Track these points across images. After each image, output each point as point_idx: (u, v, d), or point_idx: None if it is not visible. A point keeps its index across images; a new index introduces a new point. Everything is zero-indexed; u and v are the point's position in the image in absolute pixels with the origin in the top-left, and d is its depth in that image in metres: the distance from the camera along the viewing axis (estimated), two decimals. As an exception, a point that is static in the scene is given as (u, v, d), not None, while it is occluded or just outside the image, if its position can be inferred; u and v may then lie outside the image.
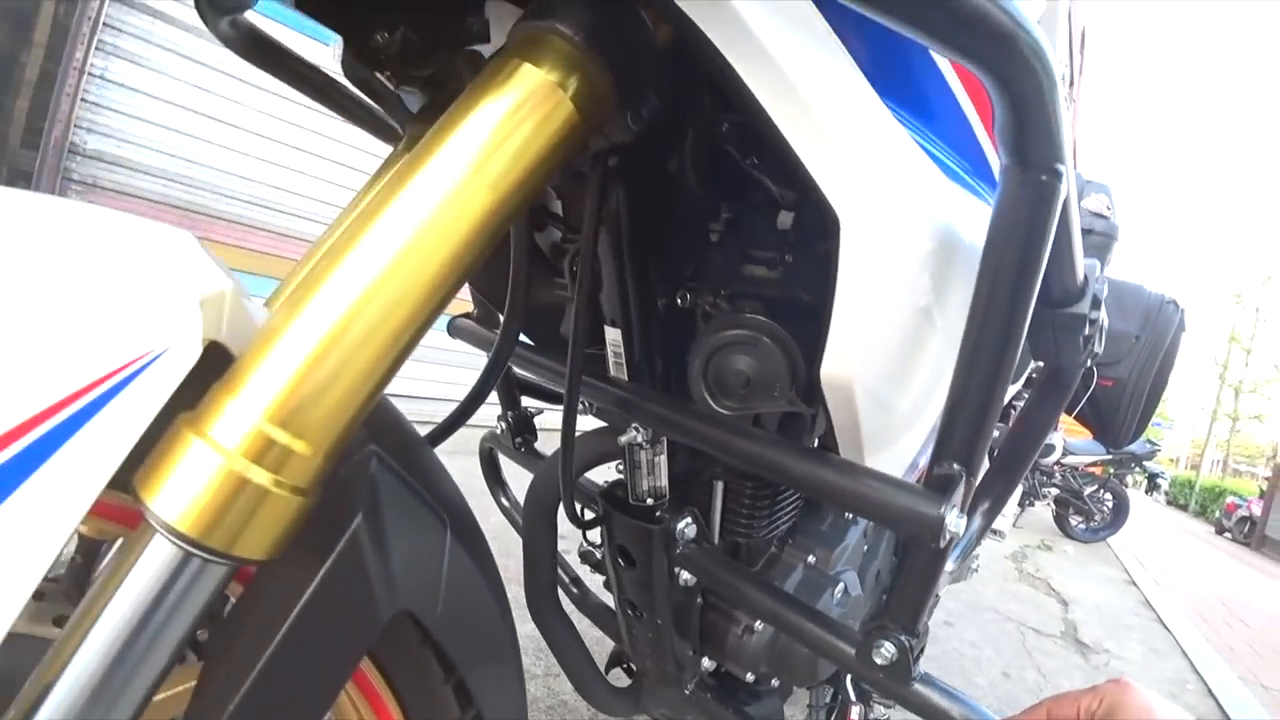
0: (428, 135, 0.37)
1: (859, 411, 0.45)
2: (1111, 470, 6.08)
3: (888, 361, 0.45)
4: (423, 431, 0.60)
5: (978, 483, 0.44)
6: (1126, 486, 6.28)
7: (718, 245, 0.67)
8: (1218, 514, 13.36)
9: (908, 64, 0.46)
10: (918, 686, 0.53)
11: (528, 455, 1.02)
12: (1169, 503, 18.99)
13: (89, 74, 2.70)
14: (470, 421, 0.69)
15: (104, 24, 2.69)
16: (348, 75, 0.62)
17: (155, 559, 0.30)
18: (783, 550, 0.85)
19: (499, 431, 1.04)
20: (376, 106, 0.77)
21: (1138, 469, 6.55)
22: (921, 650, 0.55)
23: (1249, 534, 11.37)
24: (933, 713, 0.52)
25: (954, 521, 0.41)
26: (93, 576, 0.53)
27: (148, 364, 0.27)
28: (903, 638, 0.51)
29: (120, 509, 0.40)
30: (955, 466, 0.43)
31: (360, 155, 3.71)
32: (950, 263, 0.47)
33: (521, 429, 1.03)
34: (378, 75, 0.63)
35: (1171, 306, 1.63)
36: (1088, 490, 5.99)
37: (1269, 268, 23.34)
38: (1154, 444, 6.10)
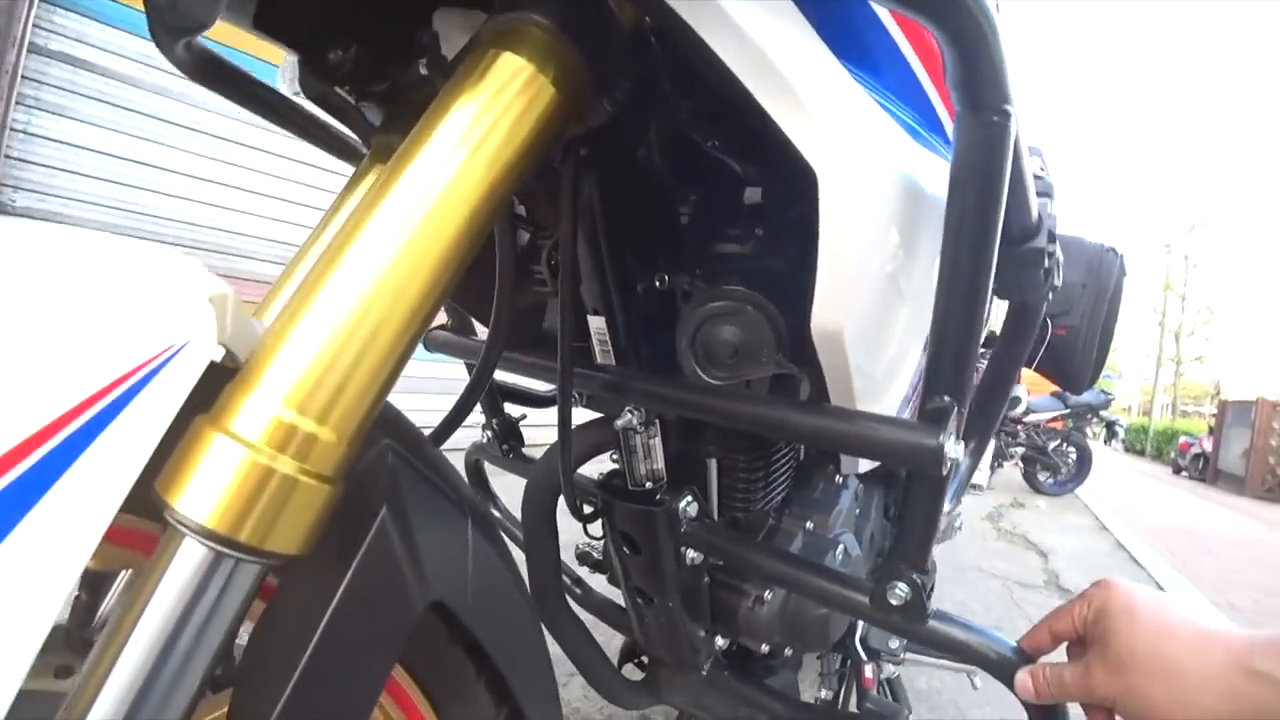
0: (417, 126, 0.38)
1: (849, 359, 0.47)
2: (1071, 424, 6.31)
3: (871, 308, 0.47)
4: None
5: (966, 412, 0.46)
6: (1086, 438, 6.52)
7: (689, 227, 0.68)
8: (1173, 454, 13.96)
9: (856, 26, 0.49)
10: (933, 623, 0.55)
11: (516, 461, 1.02)
12: (1127, 449, 19.77)
13: (11, 129, 2.60)
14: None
15: (22, 77, 2.59)
16: (306, 93, 0.62)
17: (186, 564, 0.30)
18: (780, 520, 0.87)
19: (485, 441, 1.04)
20: (336, 124, 0.77)
21: (1095, 419, 6.81)
22: (931, 588, 0.57)
23: (1203, 470, 11.91)
24: (951, 645, 0.55)
25: (952, 448, 0.43)
26: (98, 614, 0.52)
27: (168, 359, 0.27)
28: (914, 575, 0.53)
29: (127, 532, 0.40)
30: (946, 399, 0.45)
31: (306, 190, 3.65)
32: (917, 211, 0.50)
33: (508, 435, 1.03)
34: (336, 90, 0.63)
35: (1111, 254, 1.71)
36: (1051, 445, 6.21)
37: (1192, 216, 24.57)
38: (1108, 394, 6.36)
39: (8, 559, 0.24)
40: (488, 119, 0.37)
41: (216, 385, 0.32)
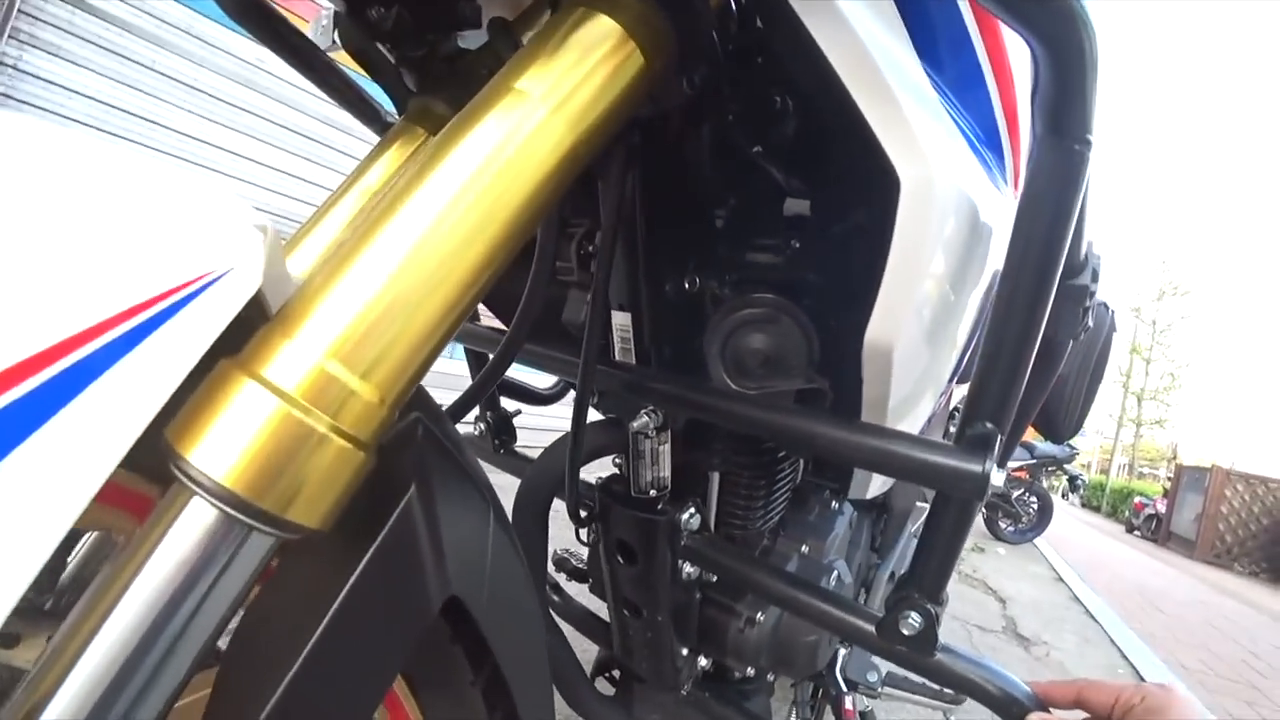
0: (494, 80, 0.35)
1: (892, 376, 0.45)
2: (1036, 474, 6.42)
3: (924, 327, 0.46)
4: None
5: (1006, 440, 0.45)
6: (1048, 489, 6.63)
7: (724, 231, 0.66)
8: (1127, 513, 14.28)
9: (942, 31, 0.48)
10: (941, 657, 0.53)
11: (507, 457, 0.99)
12: (1084, 504, 20.22)
13: (1, 64, 2.50)
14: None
15: (19, 11, 2.50)
16: (346, 45, 0.59)
17: (191, 528, 0.26)
18: (776, 541, 0.85)
19: (477, 434, 1.00)
20: (363, 88, 0.74)
21: (1059, 472, 6.93)
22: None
23: (1156, 530, 12.20)
24: (959, 681, 0.53)
25: (997, 476, 0.42)
26: (60, 578, 0.47)
27: (205, 286, 0.24)
28: (929, 606, 0.52)
29: (123, 492, 0.36)
30: (989, 425, 0.44)
31: (293, 159, 3.57)
32: (975, 233, 0.48)
33: (500, 430, 0.99)
34: (378, 47, 0.60)
35: (1104, 307, 1.74)
36: (1015, 494, 6.30)
37: (1161, 284, 25.36)
38: (1073, 448, 6.47)
39: (-5, 491, 0.21)
40: (577, 74, 0.35)
41: (240, 333, 0.29)
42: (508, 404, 1.05)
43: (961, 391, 1.12)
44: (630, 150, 0.54)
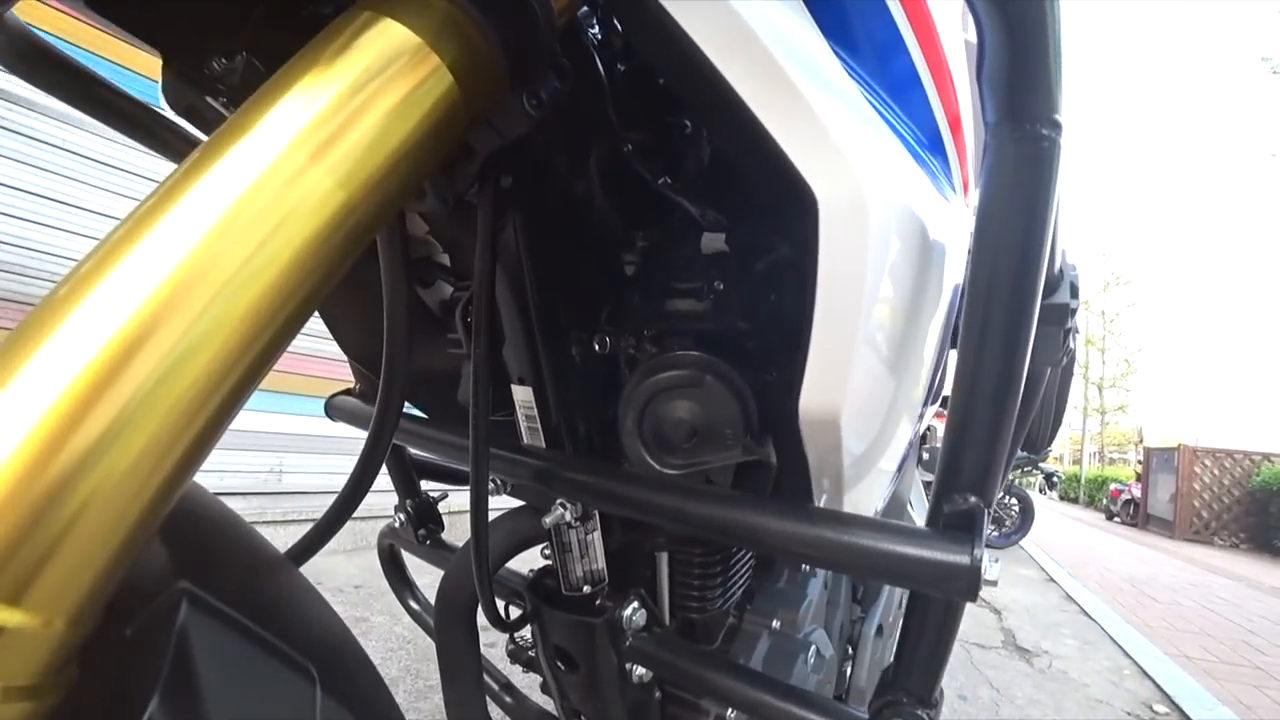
0: (240, 109, 0.25)
1: (843, 445, 0.36)
2: (1013, 477, 6.43)
3: (872, 379, 0.37)
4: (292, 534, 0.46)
5: (992, 513, 0.36)
6: (1026, 489, 6.64)
7: (635, 279, 0.57)
8: (1105, 501, 14.43)
9: (867, 28, 0.39)
10: (945, 780, 0.43)
11: (434, 549, 0.87)
12: (1062, 498, 20.42)
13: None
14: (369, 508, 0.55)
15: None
16: (170, 103, 0.49)
17: None
18: (742, 619, 0.75)
19: (398, 524, 0.88)
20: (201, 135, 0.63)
21: (1034, 471, 6.96)
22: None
23: (1134, 515, 12.32)
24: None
25: (988, 566, 0.32)
26: None
27: None
28: (920, 712, 0.42)
29: None
30: (971, 499, 0.34)
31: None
32: (923, 252, 0.40)
33: (424, 519, 0.87)
34: (211, 102, 0.50)
35: (1064, 311, 1.70)
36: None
37: (1104, 275, 26.28)
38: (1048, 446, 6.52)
39: None
40: (351, 106, 0.25)
41: None
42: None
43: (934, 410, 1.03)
44: (501, 194, 0.45)
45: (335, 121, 0.25)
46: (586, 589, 0.58)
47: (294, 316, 0.25)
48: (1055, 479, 7.52)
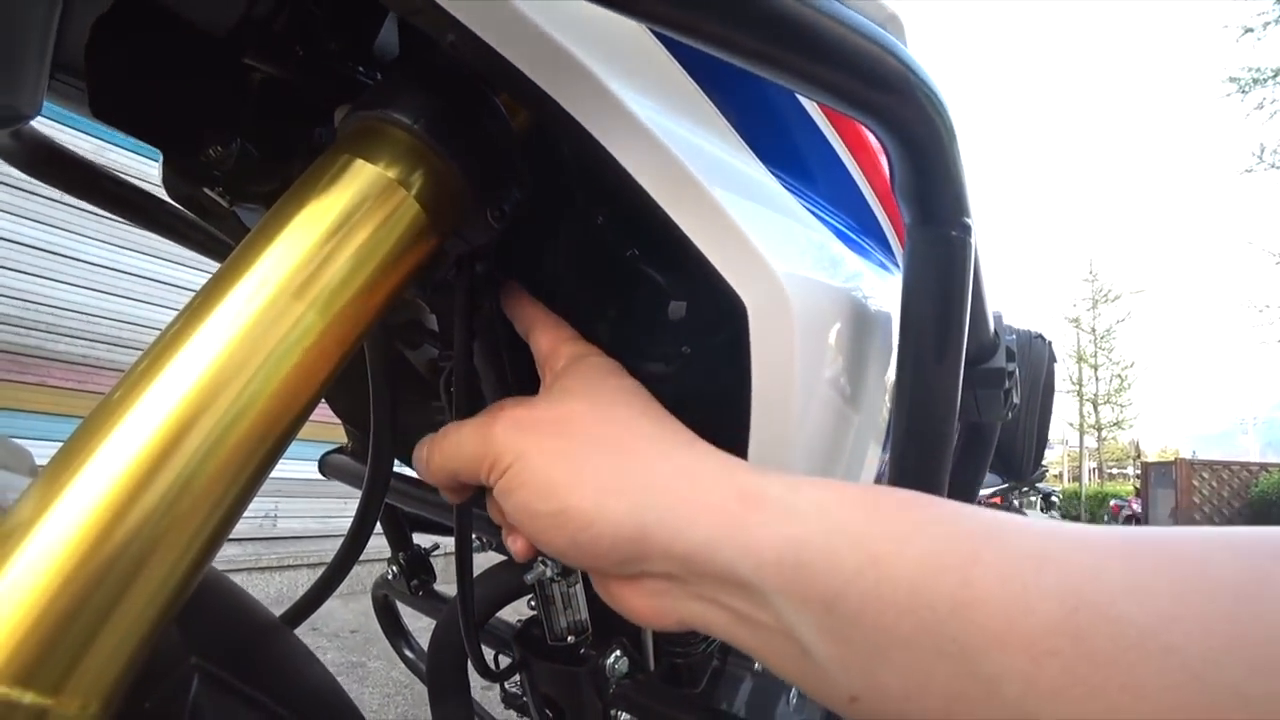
0: (234, 253, 0.30)
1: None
2: (1009, 497, 6.44)
3: (813, 460, 0.40)
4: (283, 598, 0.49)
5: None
6: (1024, 510, 6.64)
7: (608, 346, 0.61)
8: (1106, 518, 14.40)
9: (783, 123, 0.44)
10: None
11: (427, 599, 0.89)
12: (1063, 516, 20.39)
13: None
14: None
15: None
16: (171, 194, 0.53)
17: None
18: (725, 661, 0.77)
19: (390, 576, 0.91)
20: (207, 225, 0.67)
21: (1032, 492, 6.98)
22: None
23: (1135, 532, 12.31)
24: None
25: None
26: None
27: None
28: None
29: None
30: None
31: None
32: (863, 327, 0.44)
33: (416, 570, 0.90)
34: (208, 192, 0.55)
35: (1040, 340, 1.74)
36: (994, 518, 6.28)
37: (1092, 292, 26.61)
38: (1043, 466, 6.54)
39: None
40: (328, 243, 0.29)
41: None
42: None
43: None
44: (476, 278, 0.49)
45: (316, 261, 0.29)
46: (570, 639, 0.61)
47: (291, 425, 0.29)
48: (1054, 499, 7.52)
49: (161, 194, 0.62)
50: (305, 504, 3.43)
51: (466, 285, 0.49)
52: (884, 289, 0.51)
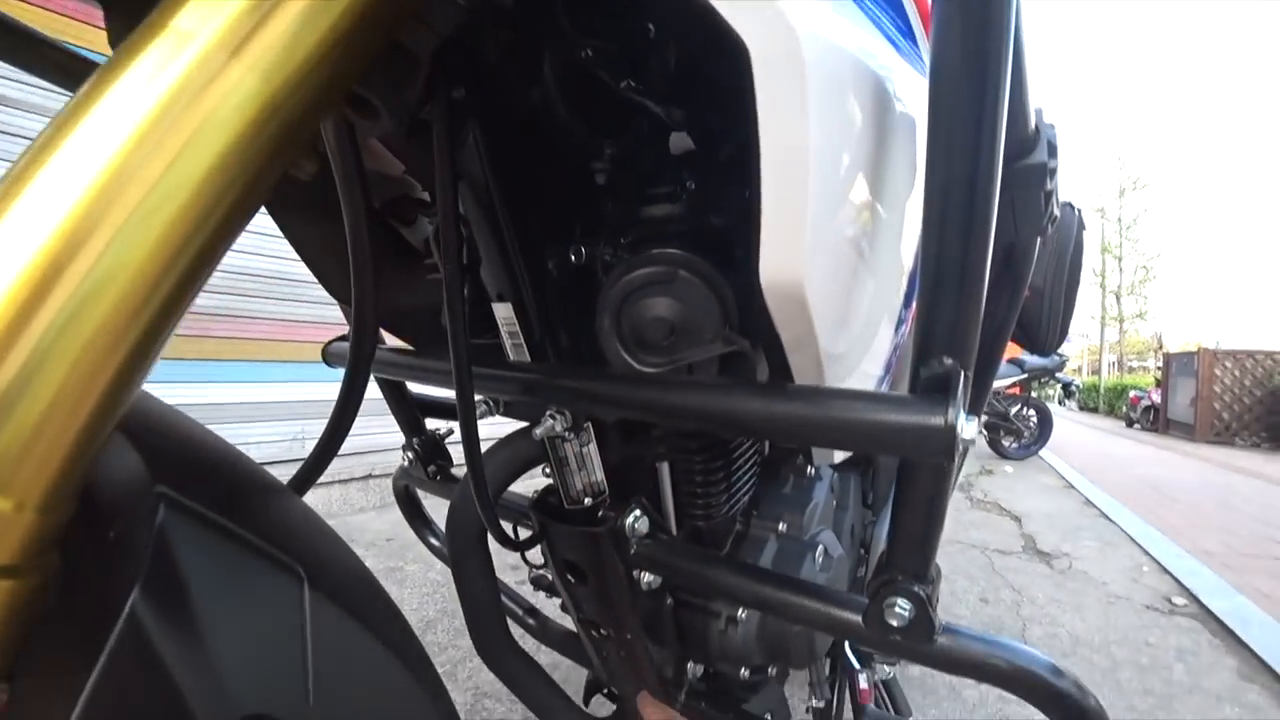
0: (155, 10, 0.25)
1: (813, 323, 0.35)
2: (1029, 387, 6.42)
3: (838, 252, 0.36)
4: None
5: (973, 375, 0.35)
6: (1044, 400, 6.64)
7: (608, 187, 0.56)
8: (1125, 409, 14.40)
9: None
10: (943, 641, 0.44)
11: (445, 483, 0.89)
12: (1081, 408, 20.40)
13: None
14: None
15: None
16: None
17: None
18: (749, 525, 0.76)
19: (407, 463, 0.90)
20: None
21: (1051, 381, 6.94)
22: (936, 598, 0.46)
23: (1154, 420, 12.31)
24: (968, 666, 0.44)
25: (964, 426, 0.32)
26: None
27: None
28: (916, 588, 0.43)
29: None
30: (947, 361, 0.34)
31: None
32: (884, 113, 0.38)
33: (432, 455, 0.89)
34: None
35: (1069, 208, 1.65)
36: (1013, 411, 6.29)
37: (1120, 181, 25.51)
38: (1063, 356, 6.48)
39: None
40: (262, 4, 0.24)
41: None
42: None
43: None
44: (455, 106, 0.44)
45: (255, 16, 0.24)
46: (588, 501, 0.59)
47: (231, 215, 0.25)
48: (1074, 388, 7.50)
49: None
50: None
51: (444, 110, 0.44)
52: (912, 90, 0.45)
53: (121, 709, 0.24)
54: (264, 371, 3.24)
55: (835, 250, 0.35)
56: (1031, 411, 6.35)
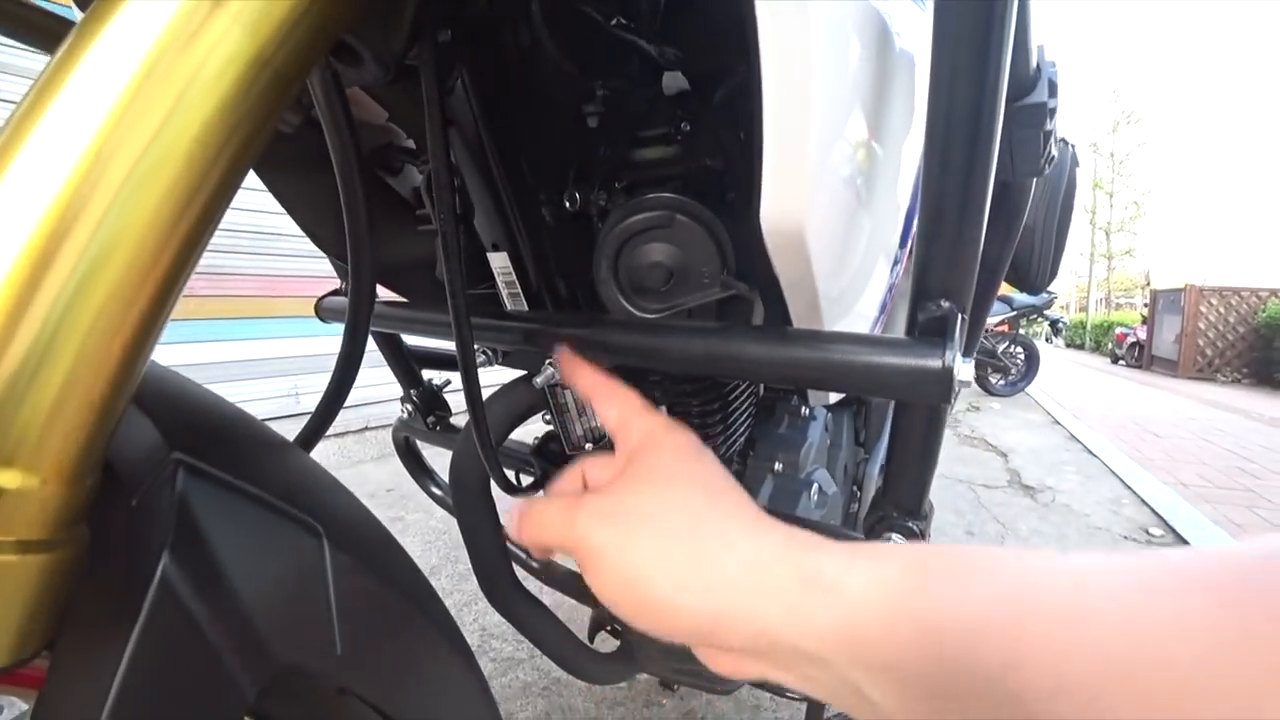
0: None
1: (813, 266, 0.36)
2: (1017, 325, 6.48)
3: (838, 192, 0.36)
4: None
5: (969, 318, 0.36)
6: (1030, 336, 6.70)
7: (600, 130, 0.55)
8: (1110, 345, 14.57)
9: None
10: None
11: (444, 433, 0.90)
12: (1068, 344, 20.63)
13: None
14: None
15: None
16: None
17: None
18: (745, 464, 0.78)
19: (406, 415, 0.91)
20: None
21: (1039, 318, 7.00)
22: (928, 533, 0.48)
23: (1139, 357, 12.48)
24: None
25: (961, 368, 0.33)
26: None
27: None
28: (911, 524, 0.44)
29: None
30: (944, 303, 0.35)
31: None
32: (883, 52, 0.38)
33: (431, 406, 0.90)
34: None
35: (1062, 144, 1.63)
36: (1000, 348, 6.37)
37: (1114, 116, 25.12)
38: (1051, 293, 6.51)
39: None
40: None
41: None
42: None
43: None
44: (443, 50, 0.43)
45: None
46: (588, 446, 0.61)
47: (229, 171, 0.25)
48: (1061, 325, 7.56)
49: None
50: (327, 378, 3.50)
51: (431, 55, 0.43)
52: (912, 25, 0.44)
53: (162, 670, 0.25)
54: (251, 328, 3.21)
55: (837, 191, 0.35)
56: (1019, 349, 6.43)
